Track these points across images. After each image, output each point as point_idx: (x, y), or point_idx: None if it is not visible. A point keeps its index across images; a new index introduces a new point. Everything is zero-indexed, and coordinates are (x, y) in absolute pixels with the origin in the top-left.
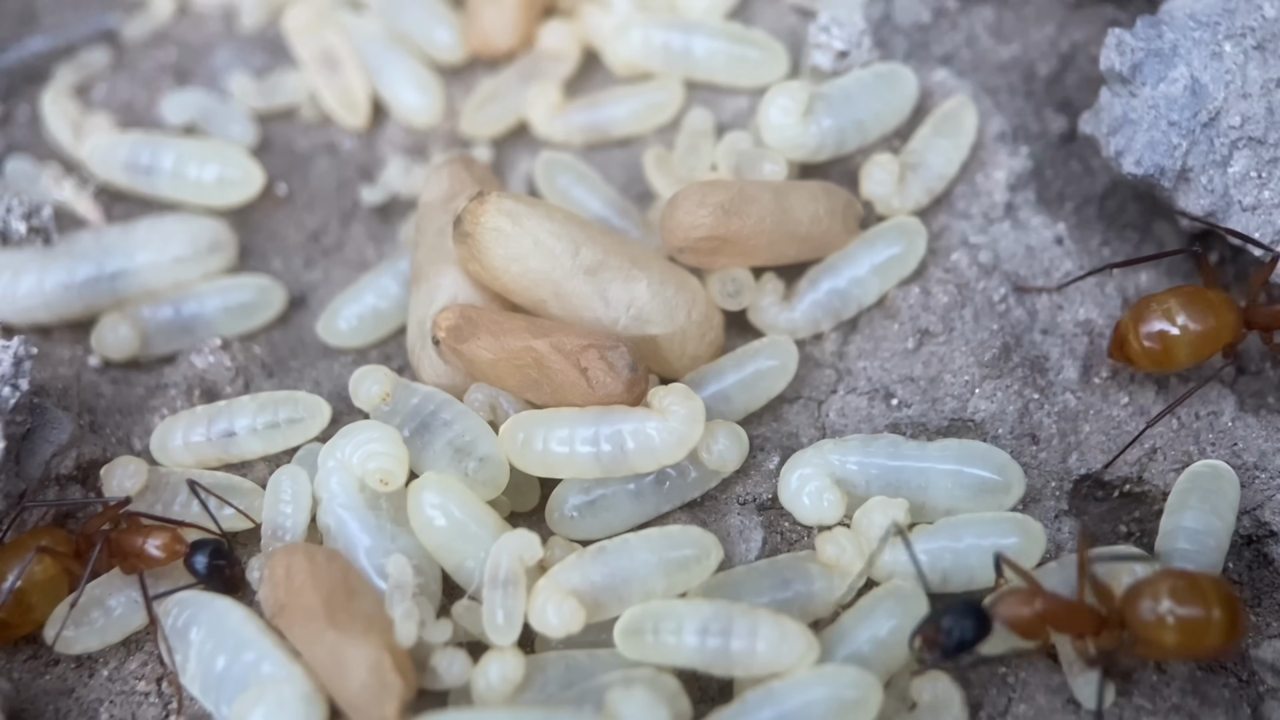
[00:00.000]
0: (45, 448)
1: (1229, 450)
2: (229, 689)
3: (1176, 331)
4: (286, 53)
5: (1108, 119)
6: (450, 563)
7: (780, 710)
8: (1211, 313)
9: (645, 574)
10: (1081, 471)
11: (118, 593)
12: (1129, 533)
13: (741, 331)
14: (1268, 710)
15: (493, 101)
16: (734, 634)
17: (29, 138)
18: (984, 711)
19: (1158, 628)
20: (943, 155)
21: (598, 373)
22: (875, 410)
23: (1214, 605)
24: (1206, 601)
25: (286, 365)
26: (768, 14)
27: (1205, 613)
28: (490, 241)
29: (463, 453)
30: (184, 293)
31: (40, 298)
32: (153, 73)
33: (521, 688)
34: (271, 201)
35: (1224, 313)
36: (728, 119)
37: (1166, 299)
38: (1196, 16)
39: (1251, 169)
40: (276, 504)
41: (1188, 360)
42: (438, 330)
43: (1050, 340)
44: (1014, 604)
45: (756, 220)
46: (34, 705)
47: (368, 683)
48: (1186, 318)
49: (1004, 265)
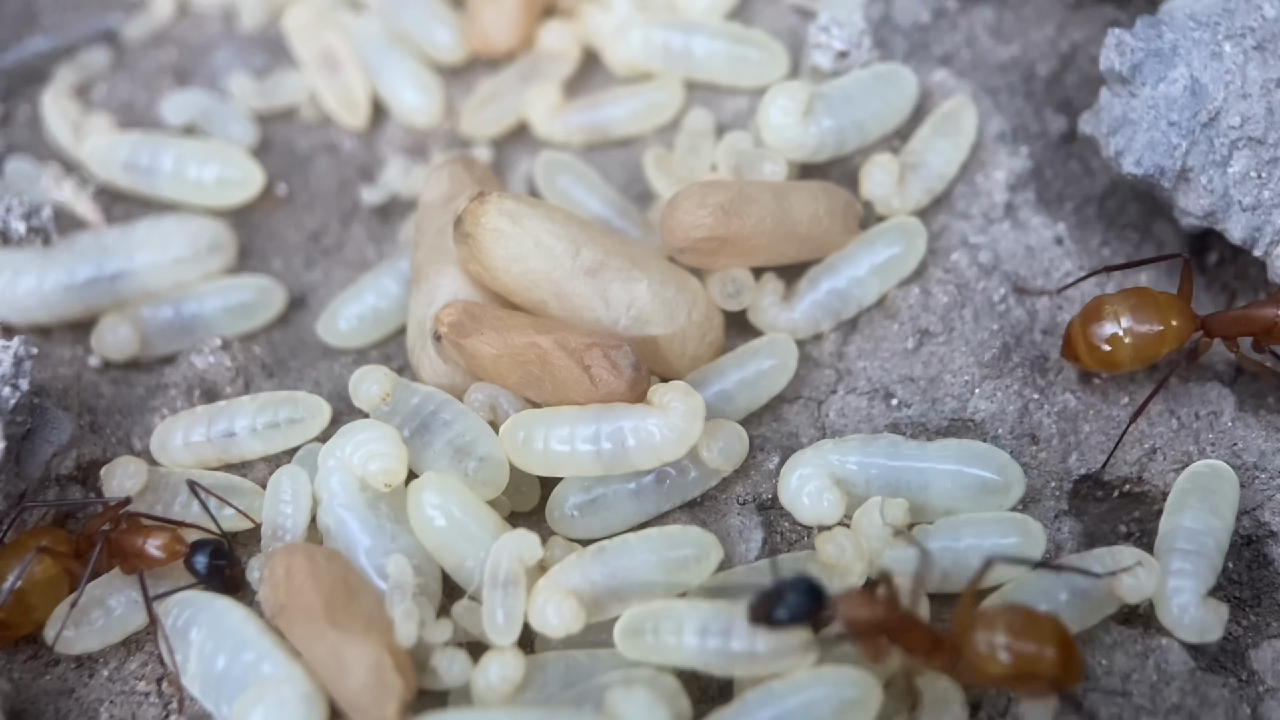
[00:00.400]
0: (45, 448)
1: (1229, 450)
2: (229, 689)
3: (1122, 334)
4: (286, 53)
5: (1107, 119)
6: (450, 563)
7: (780, 710)
8: (1159, 317)
9: (645, 574)
10: (1081, 471)
11: (118, 593)
12: (1129, 533)
13: (741, 332)
14: (1267, 711)
15: (493, 102)
16: (734, 634)
17: (29, 138)
18: (984, 711)
19: (988, 660)
20: (942, 155)
21: (601, 371)
22: (875, 410)
23: (1048, 644)
24: (1041, 640)
25: (286, 365)
26: (767, 14)
27: (1038, 651)
28: (491, 242)
29: (463, 453)
30: (184, 293)
31: (40, 298)
32: (153, 73)
33: (521, 688)
34: (271, 202)
35: (1172, 317)
36: (728, 119)
37: (1116, 301)
38: (1196, 17)
39: (1251, 169)
40: (276, 504)
41: (1131, 363)
42: (440, 325)
43: (1050, 340)
44: (855, 604)
45: (756, 220)
46: (34, 705)
47: (368, 683)
48: (1133, 320)
49: (1004, 265)
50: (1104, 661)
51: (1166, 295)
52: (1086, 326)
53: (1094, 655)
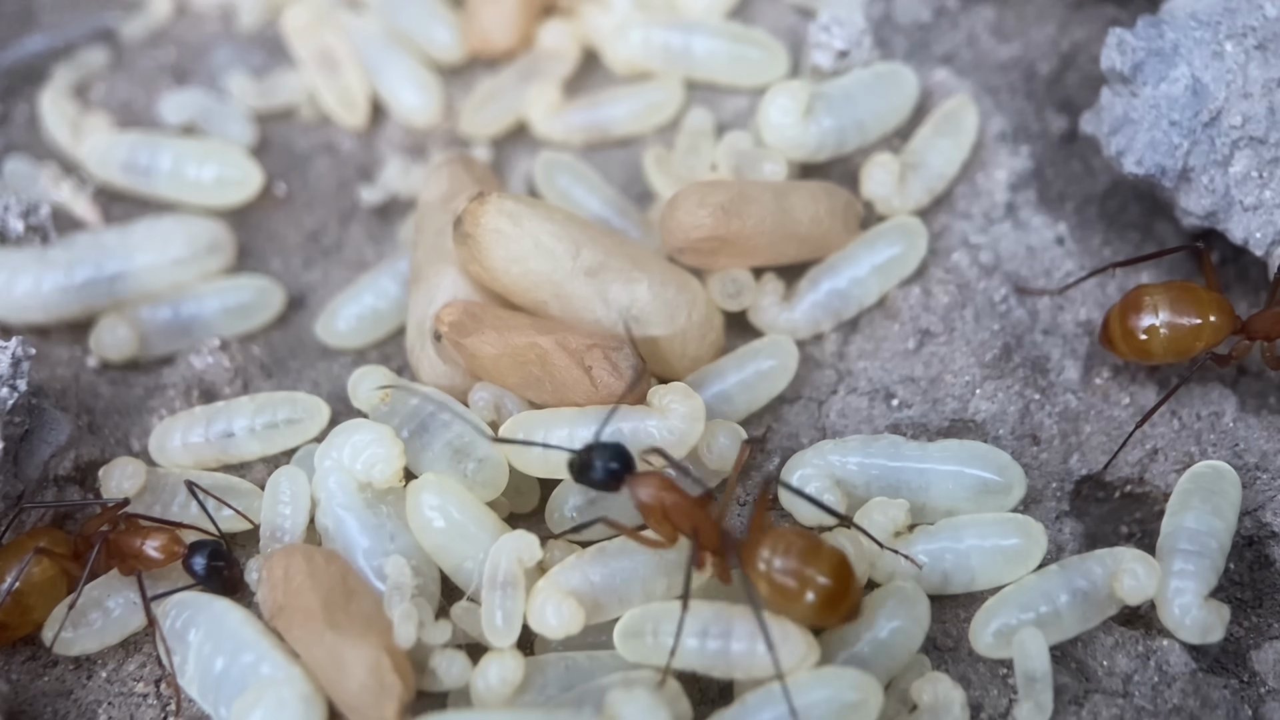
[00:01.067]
0: (43, 449)
1: (1230, 451)
2: (228, 690)
3: (1160, 325)
4: (285, 52)
5: (1109, 119)
6: (449, 564)
7: (780, 712)
8: (1197, 311)
9: (645, 575)
10: (1083, 472)
11: (116, 594)
12: (1130, 534)
13: (742, 332)
14: (1268, 712)
15: (492, 101)
16: (734, 636)
17: (27, 138)
18: (984, 712)
19: (763, 578)
20: (943, 155)
21: (601, 372)
22: (876, 411)
23: (824, 574)
24: (819, 568)
25: (285, 366)
26: (768, 13)
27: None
28: (491, 242)
29: (462, 454)
30: (182, 294)
31: (38, 298)
32: (151, 72)
33: (521, 689)
34: (270, 202)
35: (1211, 312)
36: (728, 119)
37: (1157, 292)
38: (1198, 16)
39: (1253, 169)
40: (275, 505)
41: (1165, 356)
42: (440, 325)
43: (1051, 340)
44: (649, 485)
45: (756, 220)
46: (32, 707)
47: (367, 684)
48: (1171, 313)
49: (1005, 265)
50: (1105, 663)
51: (1209, 292)
52: (1125, 315)
53: (1095, 656)
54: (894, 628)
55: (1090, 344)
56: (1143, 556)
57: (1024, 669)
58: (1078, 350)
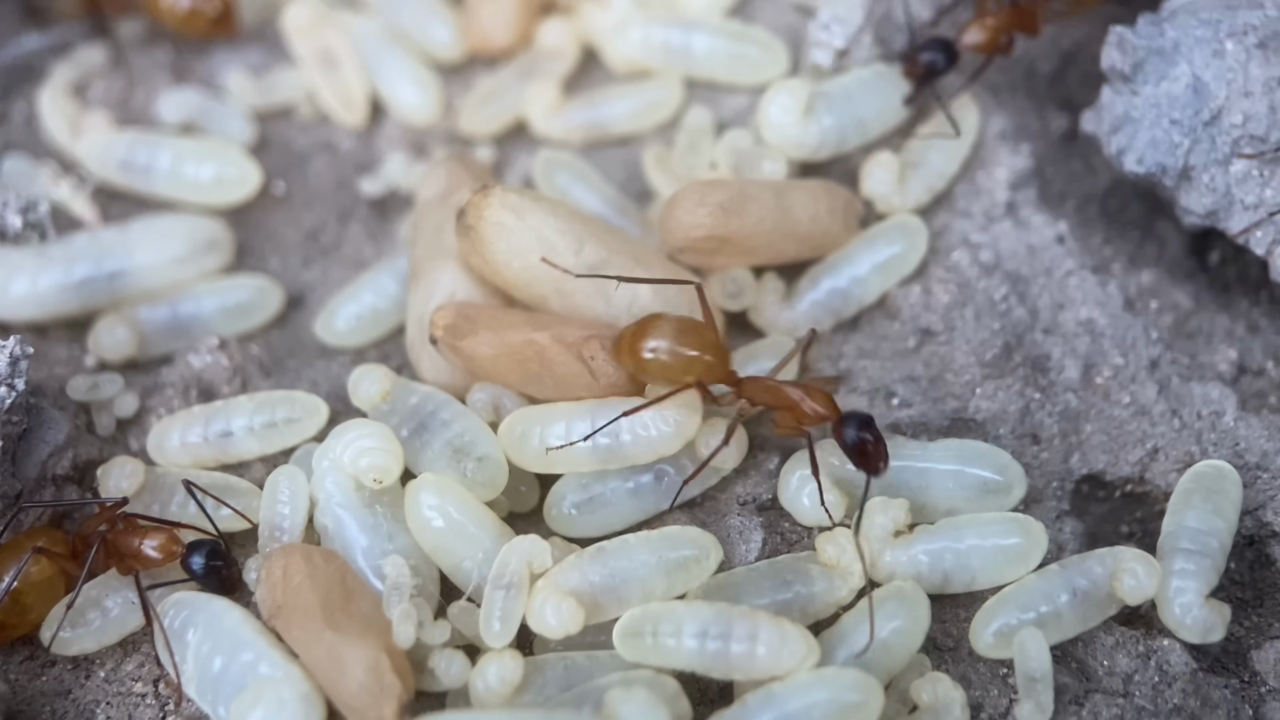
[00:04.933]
0: (42, 448)
1: (1231, 450)
2: (226, 690)
3: None
4: (284, 51)
5: (1109, 117)
6: (448, 563)
7: (780, 713)
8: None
9: (645, 575)
10: (1083, 472)
11: (114, 594)
12: (1130, 533)
13: (742, 331)
14: (1269, 712)
15: (491, 100)
16: (734, 637)
17: (26, 136)
18: (984, 712)
19: None
20: (943, 153)
21: (601, 363)
22: (876, 409)
23: None
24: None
25: (284, 365)
26: (768, 11)
27: None
28: (493, 235)
29: (461, 453)
30: (181, 293)
31: (36, 297)
32: (150, 71)
33: (520, 689)
34: (269, 200)
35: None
36: (727, 117)
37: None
38: (1198, 14)
39: (1253, 168)
40: (274, 504)
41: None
42: (435, 329)
43: (1052, 340)
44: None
45: (756, 220)
46: (31, 707)
47: (366, 684)
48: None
49: (1005, 264)
50: (1106, 663)
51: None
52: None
53: (1096, 656)
54: (894, 628)
55: (1091, 343)
56: (1143, 556)
57: (1024, 669)
58: (1078, 349)
